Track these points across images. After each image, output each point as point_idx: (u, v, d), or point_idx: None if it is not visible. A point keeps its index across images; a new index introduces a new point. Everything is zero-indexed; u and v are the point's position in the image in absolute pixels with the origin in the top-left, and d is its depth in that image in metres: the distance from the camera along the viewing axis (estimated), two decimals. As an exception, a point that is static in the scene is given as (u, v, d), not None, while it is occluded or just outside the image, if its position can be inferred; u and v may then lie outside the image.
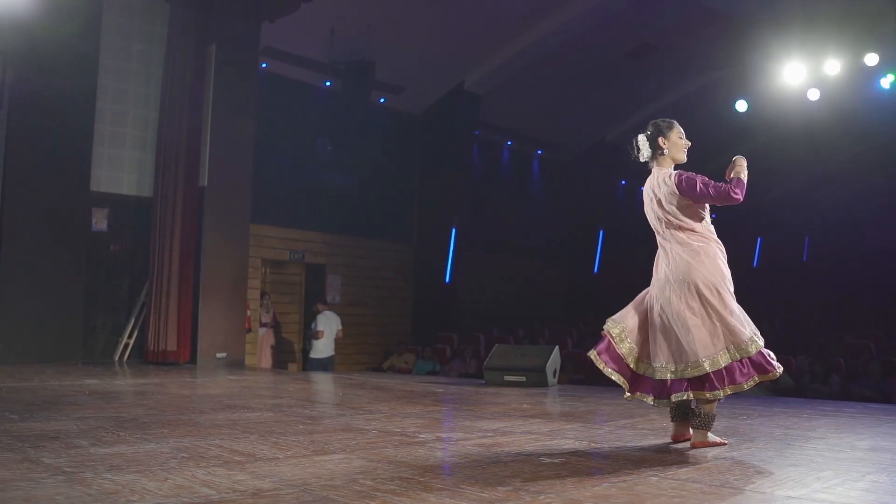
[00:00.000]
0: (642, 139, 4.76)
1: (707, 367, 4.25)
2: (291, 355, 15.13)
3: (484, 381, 9.32)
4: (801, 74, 14.78)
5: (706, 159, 20.45)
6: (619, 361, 4.53)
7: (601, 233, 21.33)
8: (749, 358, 4.29)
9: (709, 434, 4.45)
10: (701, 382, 4.29)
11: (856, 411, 6.68)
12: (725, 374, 4.27)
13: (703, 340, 4.31)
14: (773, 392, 10.65)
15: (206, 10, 11.60)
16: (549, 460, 4.01)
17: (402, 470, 3.68)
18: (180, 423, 5.24)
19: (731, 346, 4.30)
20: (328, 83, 14.76)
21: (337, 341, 13.34)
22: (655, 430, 5.21)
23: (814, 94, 15.07)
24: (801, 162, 21.33)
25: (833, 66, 14.42)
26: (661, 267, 4.56)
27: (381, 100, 15.60)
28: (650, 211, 4.69)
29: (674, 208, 4.53)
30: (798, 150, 19.44)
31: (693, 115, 18.67)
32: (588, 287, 20.72)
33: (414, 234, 16.82)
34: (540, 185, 20.11)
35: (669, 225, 4.55)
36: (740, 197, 4.42)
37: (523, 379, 8.92)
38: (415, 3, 13.68)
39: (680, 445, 4.52)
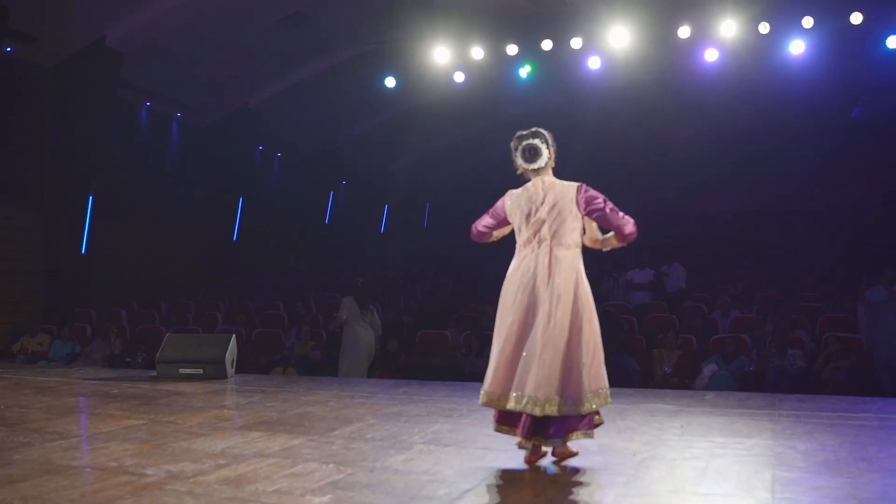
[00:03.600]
0: (542, 146, 4.69)
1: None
2: None
3: (156, 374, 8.70)
4: (447, 57, 15.48)
5: (352, 122, 20.81)
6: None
7: (240, 200, 20.86)
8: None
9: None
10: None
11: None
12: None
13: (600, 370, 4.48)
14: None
15: None
16: (318, 500, 3.79)
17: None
18: None
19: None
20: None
21: None
22: (385, 437, 5.18)
23: (459, 77, 15.86)
24: (433, 135, 22.31)
25: (478, 52, 15.26)
26: (536, 274, 4.50)
27: (8, 49, 13.90)
28: (523, 215, 4.64)
29: (563, 220, 4.55)
30: (435, 125, 20.33)
31: (341, 86, 19.06)
32: (228, 256, 20.22)
33: (44, 201, 15.21)
34: (179, 150, 19.15)
35: (553, 235, 4.54)
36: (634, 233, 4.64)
37: (200, 371, 8.47)
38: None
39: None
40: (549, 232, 4.54)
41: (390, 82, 16.82)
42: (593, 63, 15.20)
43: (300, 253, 23.05)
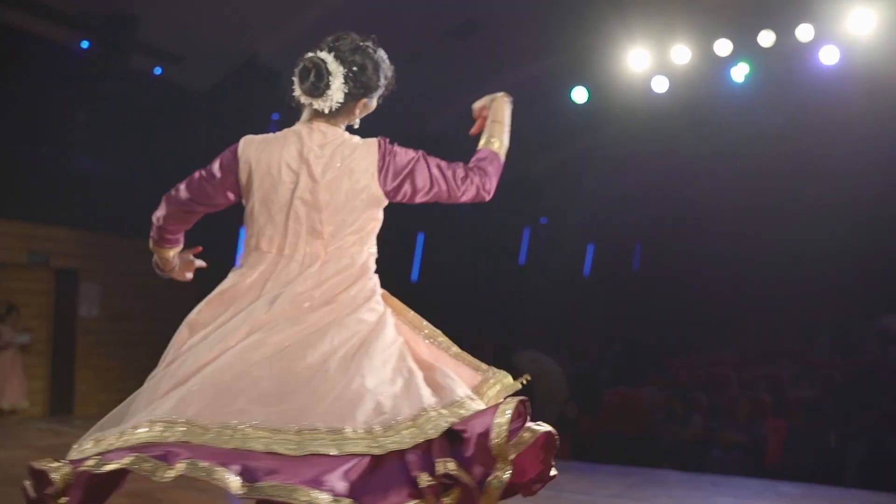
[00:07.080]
0: (333, 65, 2.91)
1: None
2: (36, 381, 12.24)
3: None
4: (646, 61, 13.09)
5: (536, 156, 18.29)
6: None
7: (421, 234, 19.13)
8: None
9: None
10: None
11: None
12: None
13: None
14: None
15: None
16: None
17: None
18: None
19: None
20: (86, 44, 11.89)
21: None
22: None
23: (660, 84, 13.32)
24: (643, 160, 19.54)
25: (681, 52, 12.74)
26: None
27: (157, 70, 12.88)
28: (287, 191, 2.88)
29: (361, 201, 2.86)
30: (640, 146, 17.72)
31: (525, 108, 16.76)
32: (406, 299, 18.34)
33: (197, 228, 13.92)
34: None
35: (341, 227, 2.87)
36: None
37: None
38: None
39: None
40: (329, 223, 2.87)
41: (580, 95, 14.43)
42: (827, 56, 12.27)
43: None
